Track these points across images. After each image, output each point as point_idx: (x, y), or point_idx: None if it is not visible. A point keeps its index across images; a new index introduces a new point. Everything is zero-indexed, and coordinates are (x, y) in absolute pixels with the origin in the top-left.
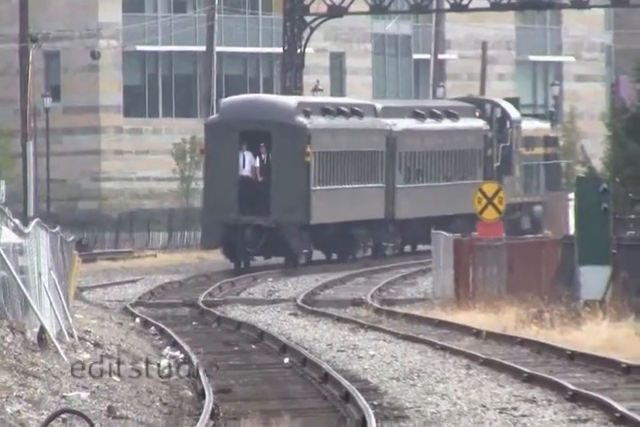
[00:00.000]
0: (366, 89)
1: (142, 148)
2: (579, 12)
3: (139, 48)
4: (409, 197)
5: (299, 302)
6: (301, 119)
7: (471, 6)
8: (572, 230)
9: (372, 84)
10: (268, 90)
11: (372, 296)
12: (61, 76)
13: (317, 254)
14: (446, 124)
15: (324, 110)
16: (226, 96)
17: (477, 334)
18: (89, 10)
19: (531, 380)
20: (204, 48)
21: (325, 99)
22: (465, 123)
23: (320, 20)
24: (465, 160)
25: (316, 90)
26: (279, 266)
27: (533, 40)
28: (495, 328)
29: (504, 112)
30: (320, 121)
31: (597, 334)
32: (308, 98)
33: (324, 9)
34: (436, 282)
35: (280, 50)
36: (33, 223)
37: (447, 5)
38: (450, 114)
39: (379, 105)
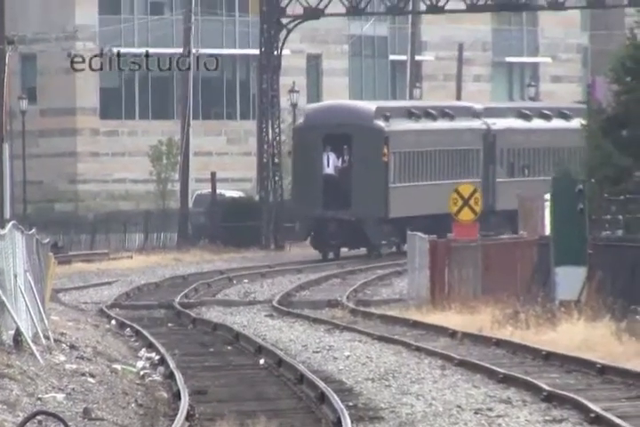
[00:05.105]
0: (343, 90)
1: (118, 150)
2: (555, 14)
3: (115, 50)
4: (511, 190)
5: (274, 303)
6: (379, 122)
7: (447, 8)
8: (547, 231)
9: (349, 86)
10: (245, 92)
11: (347, 297)
12: (38, 79)
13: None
14: (556, 123)
15: (409, 113)
16: (202, 98)
17: (453, 334)
18: (65, 12)
19: (506, 380)
20: (180, 50)
21: (414, 102)
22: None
23: (296, 22)
24: (579, 156)
25: (292, 91)
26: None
27: (510, 41)
28: (471, 329)
29: None
30: (400, 123)
31: (573, 335)
32: (390, 102)
33: (300, 11)
34: (412, 283)
35: (257, 51)
36: (9, 226)
37: (423, 7)
38: (562, 114)
39: (479, 106)
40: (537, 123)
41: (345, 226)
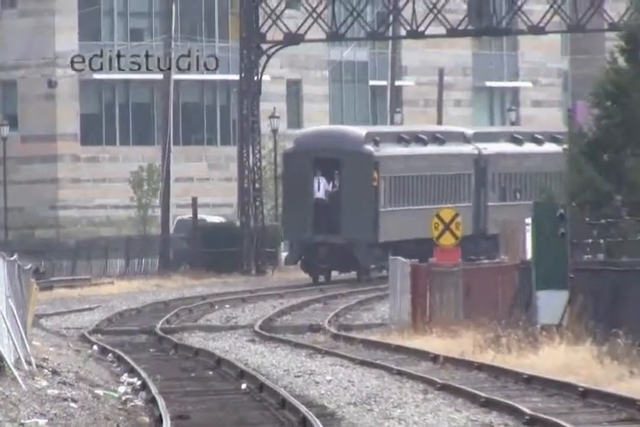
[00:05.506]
0: (323, 116)
1: (99, 176)
2: (535, 38)
3: (95, 76)
4: (503, 214)
5: (256, 328)
6: (369, 147)
7: (428, 33)
8: (529, 255)
9: (329, 111)
10: (225, 117)
11: (329, 322)
12: (18, 105)
13: None
14: (547, 147)
15: (399, 138)
16: (183, 124)
17: (434, 358)
18: (45, 39)
19: (488, 404)
20: (160, 76)
21: (404, 127)
22: None
23: (276, 48)
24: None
25: (272, 117)
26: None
27: (490, 66)
28: (452, 353)
29: None
30: (390, 148)
31: (554, 359)
32: (380, 128)
33: (280, 36)
34: (393, 307)
35: (237, 77)
36: None
37: (404, 32)
38: (554, 138)
39: (469, 131)
40: (528, 147)
41: (335, 250)
